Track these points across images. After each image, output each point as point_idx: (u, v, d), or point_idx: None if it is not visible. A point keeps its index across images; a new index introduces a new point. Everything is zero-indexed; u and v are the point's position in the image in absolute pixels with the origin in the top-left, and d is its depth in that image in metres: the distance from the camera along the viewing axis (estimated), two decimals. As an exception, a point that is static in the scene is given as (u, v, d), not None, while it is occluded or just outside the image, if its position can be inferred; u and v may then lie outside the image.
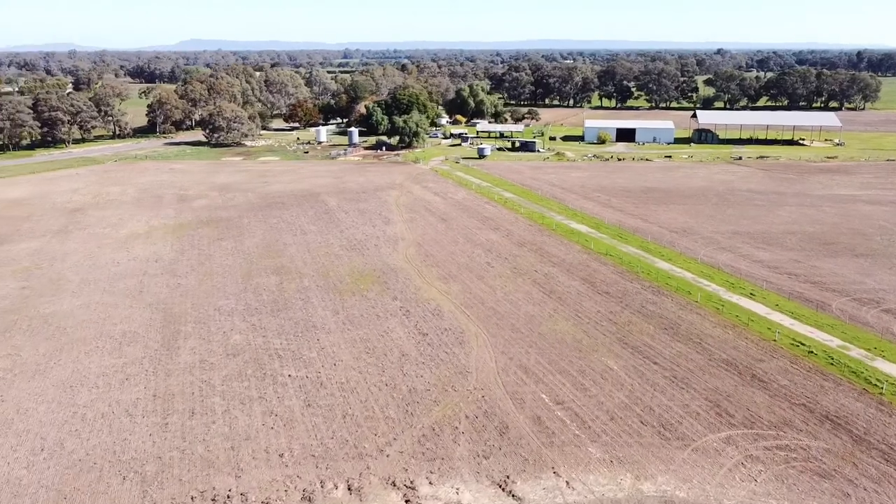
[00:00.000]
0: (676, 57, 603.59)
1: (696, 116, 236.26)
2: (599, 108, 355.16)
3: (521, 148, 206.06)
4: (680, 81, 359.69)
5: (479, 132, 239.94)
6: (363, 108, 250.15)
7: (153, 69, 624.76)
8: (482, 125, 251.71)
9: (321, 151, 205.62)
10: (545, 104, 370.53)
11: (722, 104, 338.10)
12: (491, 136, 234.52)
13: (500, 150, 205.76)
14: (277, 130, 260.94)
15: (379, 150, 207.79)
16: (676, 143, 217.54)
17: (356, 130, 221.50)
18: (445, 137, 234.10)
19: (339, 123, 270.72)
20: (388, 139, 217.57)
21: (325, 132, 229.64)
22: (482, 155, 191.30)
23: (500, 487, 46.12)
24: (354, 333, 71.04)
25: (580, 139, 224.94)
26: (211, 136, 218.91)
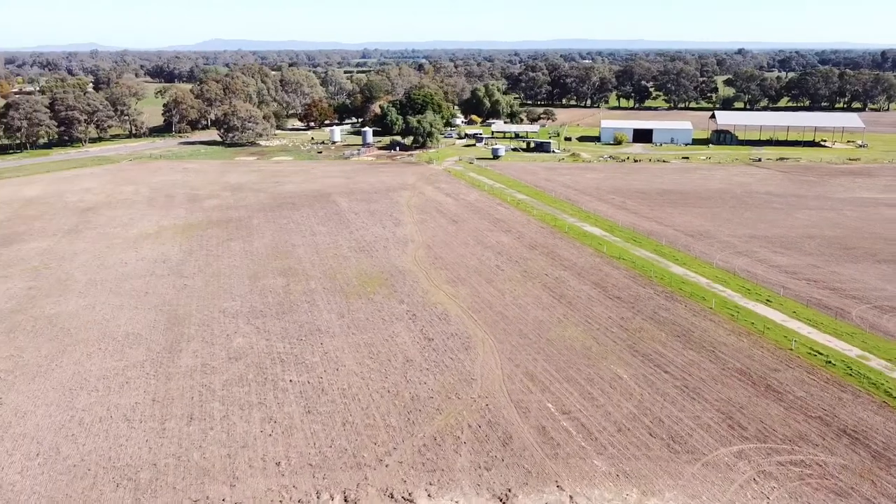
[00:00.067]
0: (696, 57, 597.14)
1: (714, 117, 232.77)
2: (617, 108, 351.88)
3: (535, 148, 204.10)
4: (699, 81, 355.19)
5: (493, 132, 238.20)
6: (378, 107, 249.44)
7: (173, 69, 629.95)
8: (497, 125, 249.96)
9: (335, 151, 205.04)
10: (562, 104, 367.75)
11: (742, 105, 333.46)
12: (506, 136, 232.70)
13: (514, 150, 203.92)
14: (292, 130, 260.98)
15: (393, 150, 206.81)
16: (694, 144, 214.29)
17: (370, 130, 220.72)
18: (460, 137, 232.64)
19: (354, 123, 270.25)
20: (402, 139, 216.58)
21: (339, 132, 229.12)
22: (496, 155, 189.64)
23: (500, 501, 44.60)
24: (359, 338, 69.84)
25: (596, 140, 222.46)
26: (225, 135, 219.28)
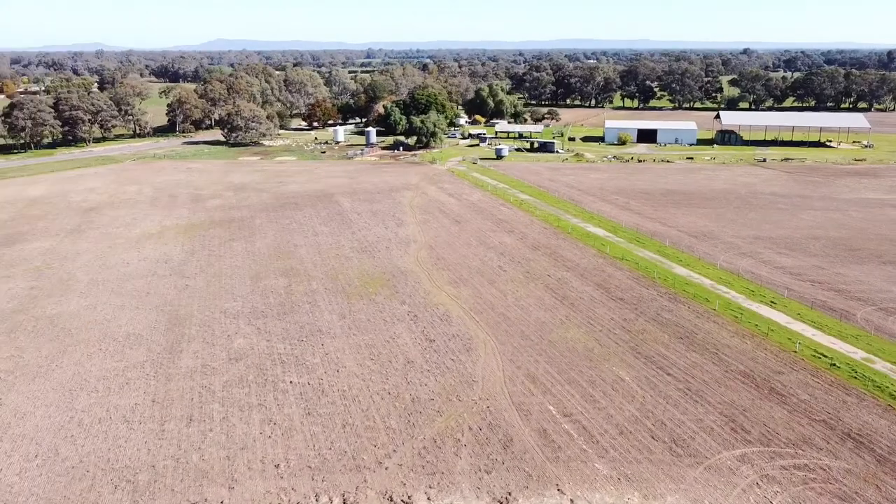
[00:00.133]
0: (701, 57, 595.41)
1: (719, 117, 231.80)
2: (621, 108, 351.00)
3: (539, 149, 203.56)
4: (704, 81, 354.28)
5: (497, 132, 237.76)
6: (381, 107, 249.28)
7: (177, 69, 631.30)
8: (501, 125, 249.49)
9: (338, 151, 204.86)
10: (566, 104, 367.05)
11: (747, 105, 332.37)
12: (510, 136, 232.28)
13: (518, 150, 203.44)
14: (296, 130, 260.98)
15: (396, 150, 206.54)
16: (699, 144, 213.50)
17: (373, 130, 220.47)
18: (464, 138, 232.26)
19: (357, 123, 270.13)
20: (405, 139, 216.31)
21: (342, 132, 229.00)
22: (500, 156, 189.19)
23: (500, 505, 44.24)
24: (360, 339, 69.53)
25: (600, 140, 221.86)
26: (229, 135, 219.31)
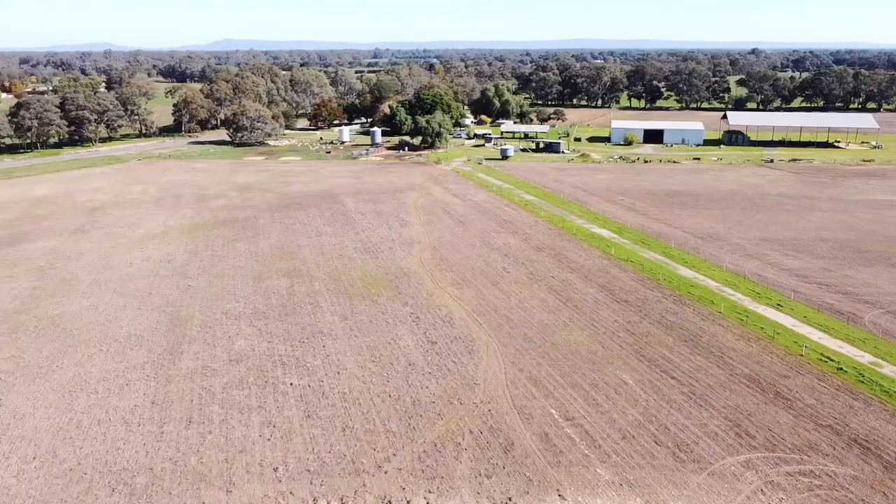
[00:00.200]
0: (709, 57, 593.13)
1: (726, 118, 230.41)
2: (628, 108, 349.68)
3: (545, 149, 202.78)
4: (711, 82, 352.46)
5: (503, 133, 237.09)
6: (387, 107, 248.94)
7: (185, 69, 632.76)
8: (507, 125, 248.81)
9: (343, 151, 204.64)
10: (572, 104, 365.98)
11: (755, 105, 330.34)
12: (515, 136, 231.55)
13: (523, 150, 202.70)
14: (301, 130, 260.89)
15: (401, 150, 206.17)
16: (706, 144, 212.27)
17: (379, 130, 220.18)
18: (469, 138, 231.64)
19: (363, 123, 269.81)
20: (410, 139, 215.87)
21: (347, 132, 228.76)
22: (505, 156, 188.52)
23: (500, 510, 43.69)
24: (361, 340, 69.09)
25: (606, 140, 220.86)
26: (234, 135, 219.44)
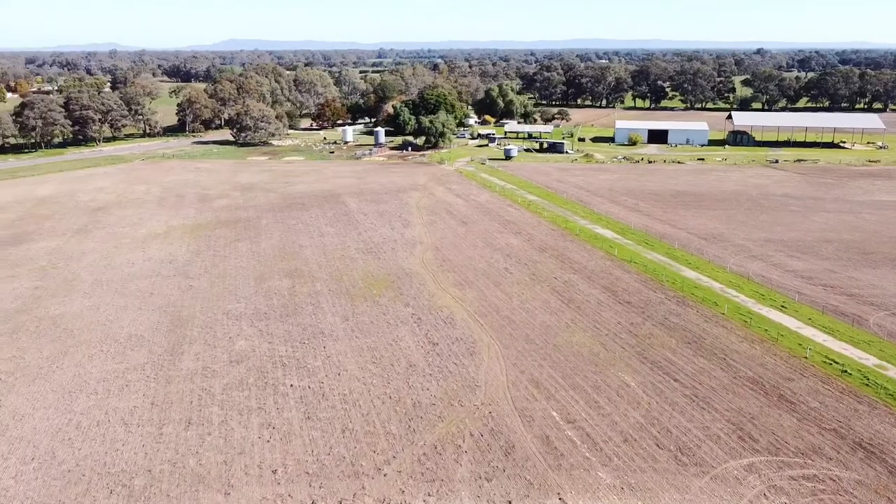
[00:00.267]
0: (714, 57, 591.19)
1: (731, 118, 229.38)
2: (632, 108, 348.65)
3: (549, 149, 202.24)
4: (716, 82, 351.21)
5: (507, 133, 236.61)
6: (391, 107, 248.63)
7: (189, 69, 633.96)
8: (510, 126, 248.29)
9: (346, 151, 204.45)
10: (577, 104, 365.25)
11: (760, 105, 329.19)
12: (519, 136, 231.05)
13: (527, 151, 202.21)
14: (305, 130, 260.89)
15: (405, 150, 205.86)
16: (710, 145, 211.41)
17: (382, 130, 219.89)
18: (473, 138, 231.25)
19: (367, 123, 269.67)
20: (414, 139, 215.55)
21: (351, 132, 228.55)
22: (508, 156, 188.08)
23: (500, 514, 43.32)
24: (362, 341, 68.78)
25: (611, 140, 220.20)
26: (238, 135, 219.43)
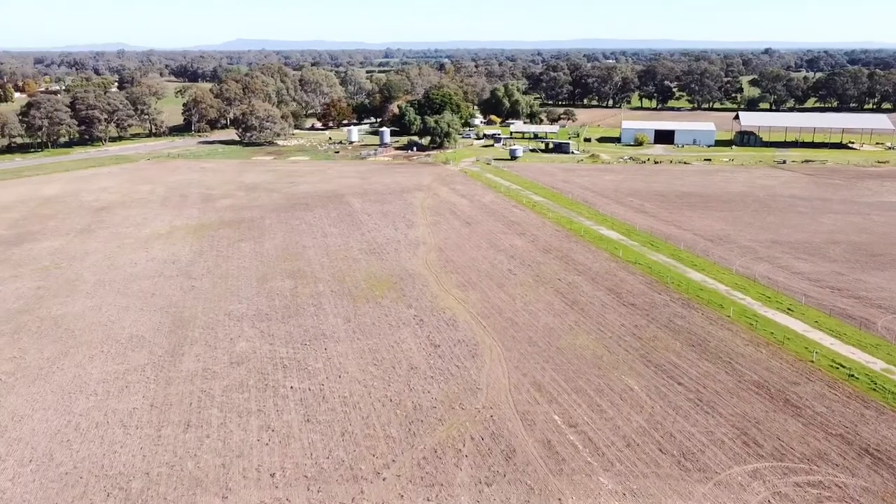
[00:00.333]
0: (722, 56, 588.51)
1: (738, 118, 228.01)
2: (639, 108, 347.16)
3: (554, 149, 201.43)
4: (724, 82, 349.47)
5: (512, 133, 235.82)
6: (396, 107, 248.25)
7: (196, 69, 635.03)
8: (516, 126, 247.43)
9: (351, 151, 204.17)
10: (583, 104, 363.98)
11: (767, 105, 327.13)
12: (525, 136, 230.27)
13: (533, 151, 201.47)
14: (311, 130, 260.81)
15: (410, 150, 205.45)
16: (717, 145, 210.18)
17: (387, 130, 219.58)
18: (478, 138, 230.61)
19: (372, 123, 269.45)
20: (419, 139, 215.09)
21: (356, 132, 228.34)
22: (514, 156, 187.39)
23: (500, 520, 42.74)
24: (364, 343, 68.31)
25: (617, 141, 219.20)
26: (243, 135, 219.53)
